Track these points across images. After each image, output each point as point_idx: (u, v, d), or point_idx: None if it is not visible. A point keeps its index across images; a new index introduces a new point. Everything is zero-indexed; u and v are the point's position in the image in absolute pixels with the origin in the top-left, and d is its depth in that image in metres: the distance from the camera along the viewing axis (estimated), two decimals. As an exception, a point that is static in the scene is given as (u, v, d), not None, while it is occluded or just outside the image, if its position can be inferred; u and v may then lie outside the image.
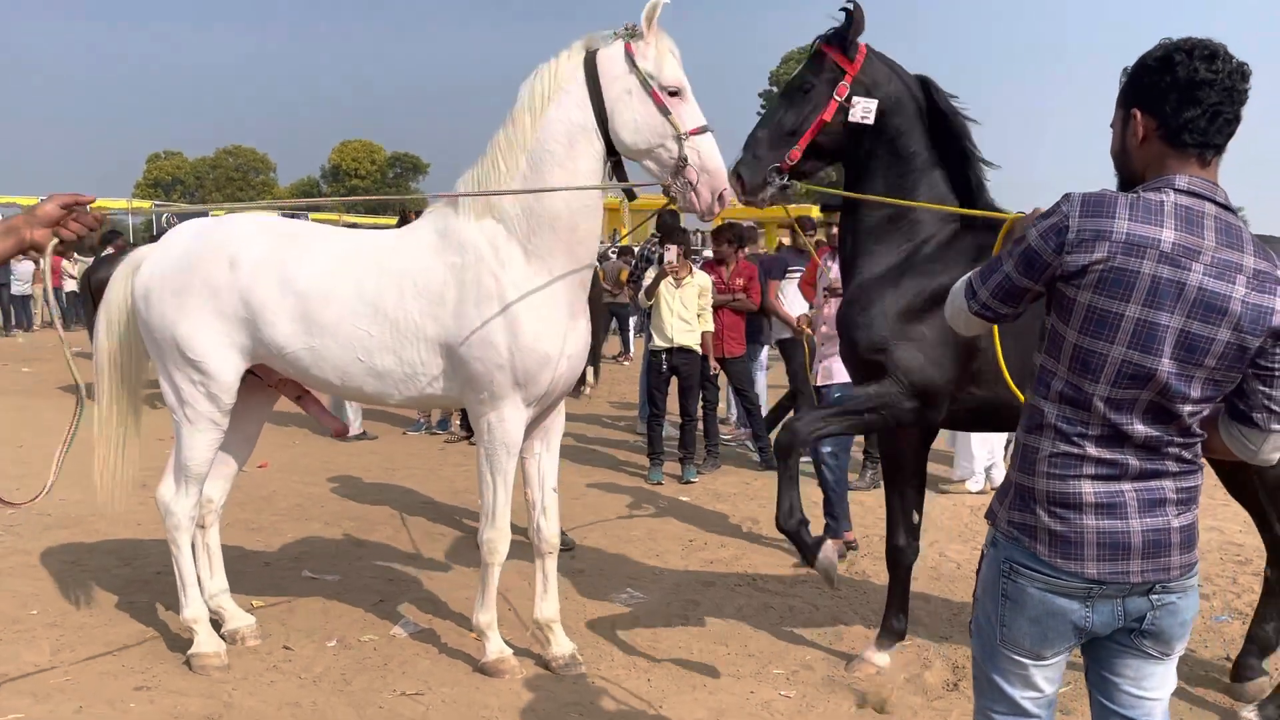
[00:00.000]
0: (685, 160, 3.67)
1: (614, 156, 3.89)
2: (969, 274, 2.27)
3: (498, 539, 4.10)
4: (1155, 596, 2.08)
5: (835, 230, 5.23)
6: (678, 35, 3.79)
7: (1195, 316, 1.95)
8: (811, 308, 7.03)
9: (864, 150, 3.93)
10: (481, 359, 3.87)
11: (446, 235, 3.96)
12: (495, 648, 4.21)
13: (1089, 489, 2.05)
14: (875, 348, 3.87)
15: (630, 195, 4.20)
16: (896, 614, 4.31)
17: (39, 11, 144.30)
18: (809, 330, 6.28)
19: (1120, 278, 1.95)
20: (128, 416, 4.36)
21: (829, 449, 5.91)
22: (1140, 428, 2.02)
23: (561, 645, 4.27)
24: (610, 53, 3.78)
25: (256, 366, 4.20)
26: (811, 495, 6.64)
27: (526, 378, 3.90)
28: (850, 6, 3.83)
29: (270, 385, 4.42)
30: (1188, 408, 2.01)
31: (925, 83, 3.96)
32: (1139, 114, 2.08)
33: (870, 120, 3.83)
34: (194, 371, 4.03)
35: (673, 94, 3.71)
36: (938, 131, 3.92)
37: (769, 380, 10.00)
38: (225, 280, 3.97)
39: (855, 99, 3.81)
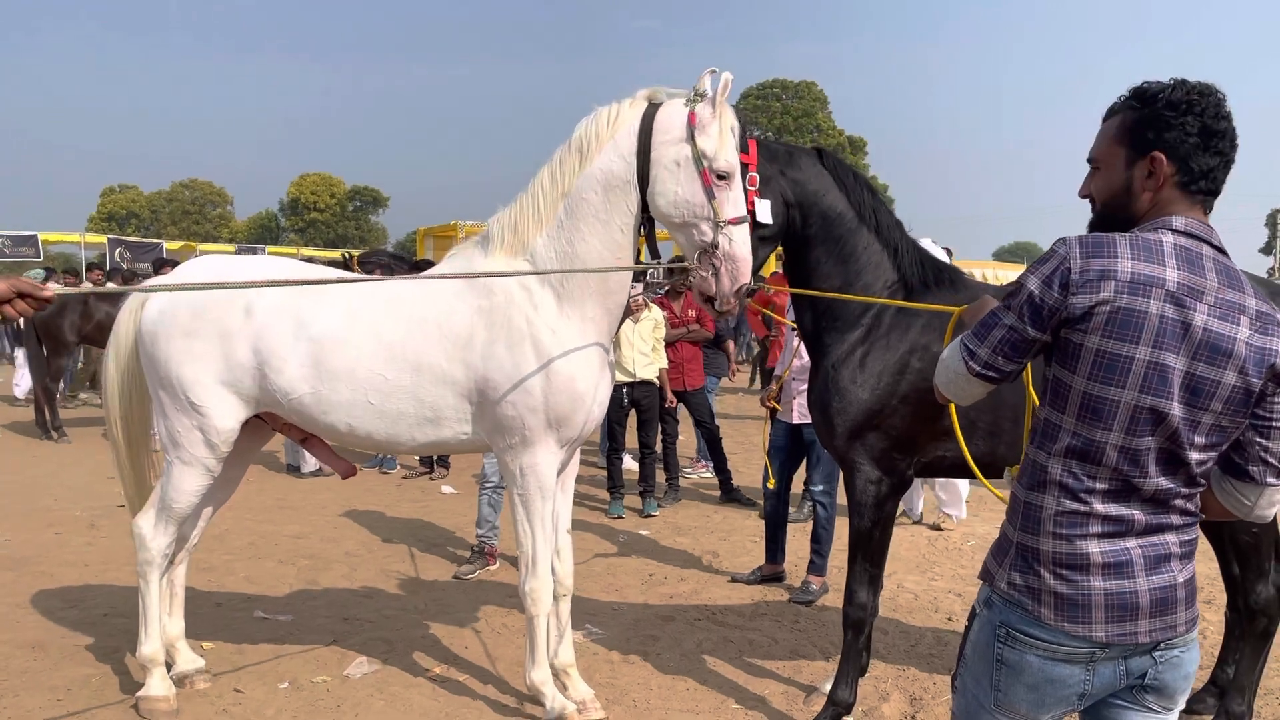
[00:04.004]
0: (716, 245, 3.58)
1: (647, 213, 3.76)
2: (958, 338, 2.15)
3: (540, 588, 3.92)
4: (1158, 653, 2.01)
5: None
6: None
7: (1200, 359, 1.89)
8: (759, 341, 6.98)
9: (796, 226, 4.01)
10: (514, 401, 3.77)
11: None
12: (557, 705, 4.00)
13: (1095, 548, 1.97)
14: (841, 456, 3.99)
15: (654, 256, 4.16)
16: (849, 682, 4.06)
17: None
18: (778, 405, 6.24)
19: (1128, 319, 1.89)
20: (143, 456, 4.31)
21: (820, 487, 6.01)
22: (1151, 479, 1.95)
23: (579, 690, 4.17)
24: (671, 112, 3.63)
25: (261, 411, 4.07)
26: (753, 530, 6.68)
27: (560, 419, 3.80)
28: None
29: (275, 429, 4.30)
30: (1195, 455, 1.95)
31: (820, 151, 4.11)
32: (1163, 158, 2.00)
33: (769, 219, 3.91)
34: (195, 415, 3.92)
35: (721, 177, 3.59)
36: (848, 189, 4.02)
37: (716, 408, 9.98)
38: (238, 327, 3.85)
39: (756, 202, 3.87)
